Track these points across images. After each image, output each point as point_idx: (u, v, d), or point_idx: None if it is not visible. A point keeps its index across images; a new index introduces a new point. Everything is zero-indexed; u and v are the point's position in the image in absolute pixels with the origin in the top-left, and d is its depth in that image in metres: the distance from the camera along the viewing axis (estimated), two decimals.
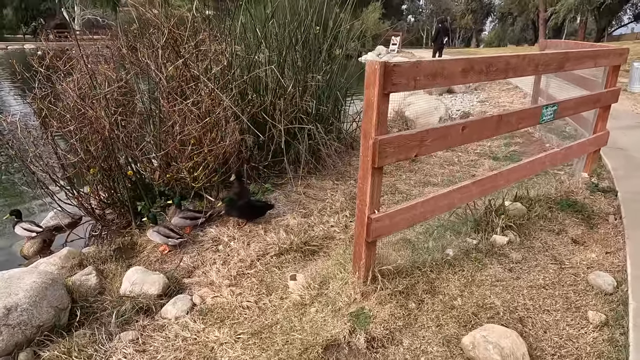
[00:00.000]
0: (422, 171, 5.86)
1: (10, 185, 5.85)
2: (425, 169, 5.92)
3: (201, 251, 3.80)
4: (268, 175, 5.44)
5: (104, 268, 3.66)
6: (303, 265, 3.45)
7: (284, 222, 4.25)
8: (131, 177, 4.45)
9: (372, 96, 2.23)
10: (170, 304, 2.97)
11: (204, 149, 4.18)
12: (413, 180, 5.50)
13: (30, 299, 2.75)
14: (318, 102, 5.93)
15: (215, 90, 3.99)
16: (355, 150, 6.76)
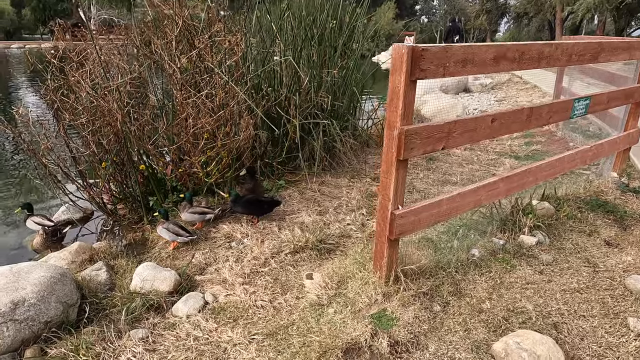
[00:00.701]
0: (440, 169, 5.68)
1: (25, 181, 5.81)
2: (443, 168, 5.74)
3: (213, 248, 3.69)
4: (282, 172, 5.32)
5: (115, 263, 3.57)
6: (319, 264, 3.31)
7: (299, 219, 4.12)
8: (143, 172, 4.36)
9: (397, 83, 2.08)
10: (181, 302, 2.85)
11: (217, 143, 4.07)
12: (431, 179, 5.32)
13: (38, 293, 2.65)
14: (333, 98, 5.79)
15: (230, 83, 3.88)
16: (370, 147, 6.61)
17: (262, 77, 4.97)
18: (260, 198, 4.09)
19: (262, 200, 4.07)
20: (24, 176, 5.59)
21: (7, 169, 6.47)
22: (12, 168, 6.52)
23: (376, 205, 4.57)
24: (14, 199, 5.39)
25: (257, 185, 4.36)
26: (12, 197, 5.46)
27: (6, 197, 5.46)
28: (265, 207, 4.07)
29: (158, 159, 4.17)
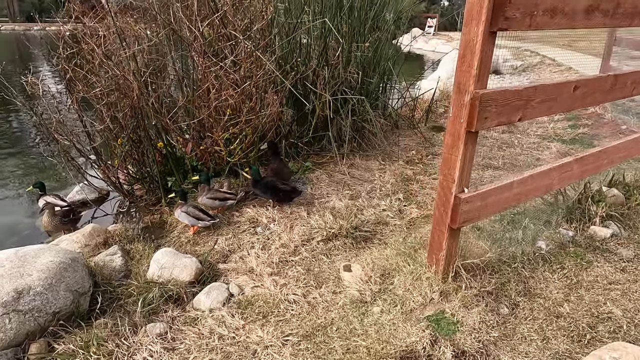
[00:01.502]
0: (478, 153, 5.22)
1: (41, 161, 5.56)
2: (481, 151, 5.28)
3: (237, 233, 3.36)
4: (307, 153, 4.95)
5: (131, 248, 3.28)
6: (355, 254, 2.95)
7: (329, 204, 3.76)
8: (161, 150, 4.04)
9: (473, 35, 1.67)
10: (203, 293, 2.53)
11: (241, 118, 3.71)
12: None
13: (45, 281, 2.36)
14: (363, 74, 5.36)
15: (256, 52, 3.49)
16: (400, 129, 6.17)
17: (290, 48, 4.56)
18: (278, 185, 3.68)
19: (279, 187, 3.66)
20: (40, 155, 5.33)
21: (27, 148, 6.25)
22: (32, 146, 6.30)
23: (413, 190, 4.21)
24: (31, 177, 5.16)
25: (283, 165, 4.00)
26: (29, 175, 5.23)
27: (23, 176, 5.24)
28: (280, 194, 3.68)
29: (177, 135, 3.84)
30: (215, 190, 3.67)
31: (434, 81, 8.37)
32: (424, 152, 5.22)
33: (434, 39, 25.54)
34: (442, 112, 7.34)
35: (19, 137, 6.78)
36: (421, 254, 2.59)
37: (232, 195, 3.67)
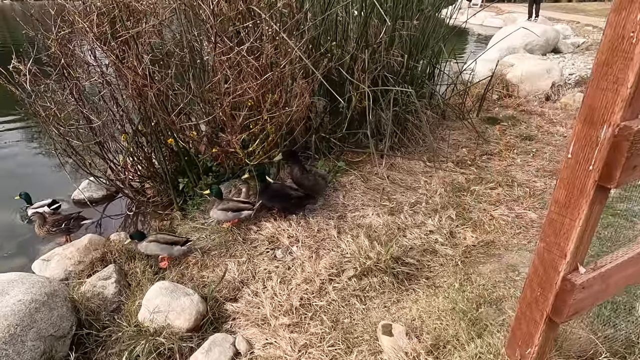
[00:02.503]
0: (543, 154, 4.41)
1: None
2: (546, 151, 4.46)
3: (253, 256, 2.80)
4: (341, 150, 4.29)
5: (130, 268, 2.80)
6: (397, 300, 2.33)
7: (365, 219, 3.13)
8: (172, 146, 3.50)
9: (629, 28, 0.96)
10: (202, 352, 2.00)
11: (263, 115, 3.09)
12: (533, 167, 4.10)
13: (6, 331, 1.89)
14: (409, 57, 4.59)
15: (281, 34, 2.83)
16: (447, 121, 5.38)
17: (323, 27, 3.85)
18: (288, 191, 3.12)
19: (290, 194, 3.11)
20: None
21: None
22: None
23: (466, 205, 3.51)
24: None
25: (306, 176, 3.31)
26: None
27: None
28: (292, 201, 3.12)
29: (186, 133, 3.27)
30: (228, 199, 3.11)
31: (488, 62, 7.42)
32: (477, 151, 4.45)
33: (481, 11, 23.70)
34: (495, 98, 6.46)
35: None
36: (487, 316, 1.94)
37: (248, 205, 3.10)
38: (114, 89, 3.27)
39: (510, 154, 4.39)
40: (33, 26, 3.06)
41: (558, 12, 19.07)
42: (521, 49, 10.03)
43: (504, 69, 7.62)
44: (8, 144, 5.35)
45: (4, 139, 5.52)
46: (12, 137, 5.58)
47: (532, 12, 13.47)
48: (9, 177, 4.45)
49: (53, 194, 4.03)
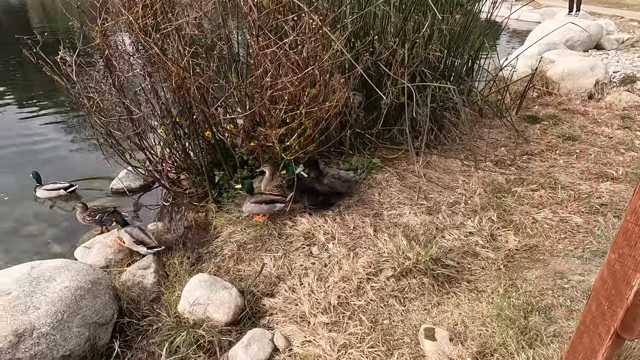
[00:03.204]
0: (587, 155, 4.22)
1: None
2: (591, 153, 4.26)
3: (289, 251, 2.79)
4: (375, 146, 4.22)
5: (168, 258, 2.83)
6: (437, 303, 2.27)
7: (402, 219, 3.07)
8: (209, 139, 3.51)
9: None
10: (241, 346, 2.00)
11: (300, 109, 3.06)
12: (577, 169, 3.92)
13: (54, 317, 1.94)
14: (448, 53, 4.46)
15: (324, 27, 2.78)
16: (485, 119, 5.23)
17: (363, 21, 3.78)
18: (317, 187, 3.13)
19: (318, 190, 3.12)
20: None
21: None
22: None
23: (507, 207, 3.36)
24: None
25: (328, 185, 3.22)
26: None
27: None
28: (319, 198, 3.14)
29: (225, 127, 3.28)
30: (261, 193, 3.10)
31: (526, 58, 7.17)
32: (517, 151, 4.30)
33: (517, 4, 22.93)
34: (535, 96, 6.22)
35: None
36: (537, 325, 1.86)
37: (281, 198, 3.08)
38: (154, 81, 3.30)
39: (552, 155, 4.22)
40: (79, 18, 3.12)
41: (600, 6, 18.23)
42: (562, 45, 9.64)
43: (544, 66, 7.34)
44: (49, 133, 5.52)
45: (45, 128, 5.69)
46: (53, 126, 5.75)
47: (572, 6, 12.93)
48: (48, 164, 4.59)
49: (92, 183, 4.15)
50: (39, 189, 3.84)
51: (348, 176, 3.29)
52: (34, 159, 4.69)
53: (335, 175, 3.23)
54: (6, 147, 4.97)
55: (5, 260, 3.10)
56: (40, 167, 4.46)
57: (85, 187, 4.05)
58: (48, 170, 4.34)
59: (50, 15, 20.42)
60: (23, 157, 4.70)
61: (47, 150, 4.98)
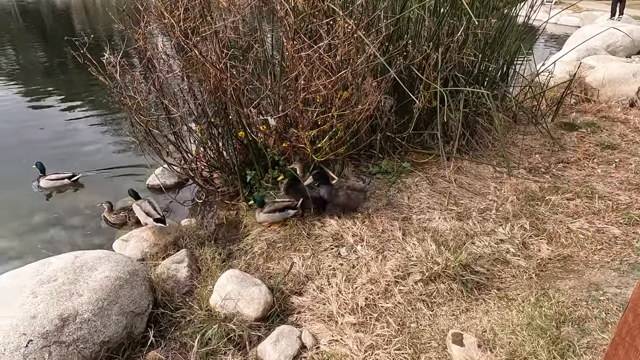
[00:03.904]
0: (627, 165, 4.07)
1: None
2: (631, 162, 4.11)
3: (317, 252, 2.83)
4: (406, 150, 4.22)
5: (200, 254, 2.92)
6: (466, 309, 2.25)
7: (431, 224, 3.06)
8: (242, 139, 3.60)
9: None
10: (270, 342, 2.05)
11: (332, 112, 3.10)
12: (616, 179, 3.79)
13: (95, 304, 2.05)
14: (482, 57, 4.41)
15: (358, 32, 2.82)
16: (519, 125, 5.12)
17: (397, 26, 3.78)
18: (305, 191, 3.13)
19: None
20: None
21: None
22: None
23: (541, 216, 3.28)
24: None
25: (334, 194, 3.20)
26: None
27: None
28: (307, 201, 3.17)
29: (258, 128, 3.36)
30: (272, 201, 3.16)
31: (564, 63, 6.97)
32: (552, 158, 4.20)
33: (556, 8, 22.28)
34: (572, 103, 6.04)
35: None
36: (569, 336, 1.83)
37: (292, 203, 3.11)
38: (192, 82, 3.42)
39: (589, 163, 4.10)
40: (123, 21, 3.27)
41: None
42: (602, 50, 9.32)
43: (583, 72, 7.12)
44: (89, 130, 5.78)
45: (85, 125, 5.96)
46: (93, 124, 6.02)
47: (615, 10, 12.45)
48: (88, 159, 4.81)
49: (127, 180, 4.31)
50: (42, 179, 4.10)
51: (360, 186, 3.22)
52: (75, 153, 4.92)
53: (350, 187, 3.16)
54: (48, 142, 5.24)
55: (49, 249, 3.28)
56: (81, 162, 4.70)
57: (122, 183, 4.22)
58: (88, 164, 4.57)
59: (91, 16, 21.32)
60: (63, 153, 4.94)
61: (86, 146, 5.21)
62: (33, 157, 4.45)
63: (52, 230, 3.53)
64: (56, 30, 16.45)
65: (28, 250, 3.24)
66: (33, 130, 5.76)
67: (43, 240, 3.38)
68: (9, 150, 4.99)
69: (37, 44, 13.56)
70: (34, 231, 3.50)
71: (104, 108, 6.56)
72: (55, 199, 4.00)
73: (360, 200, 3.19)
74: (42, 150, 4.98)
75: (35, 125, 5.96)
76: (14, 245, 3.34)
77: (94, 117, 6.27)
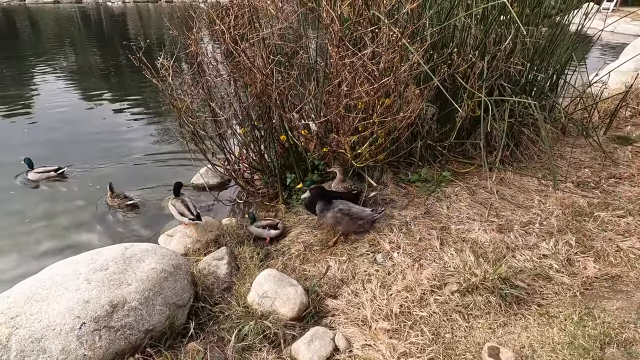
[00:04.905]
0: None
1: None
2: None
3: (353, 256, 2.85)
4: (447, 159, 4.16)
5: (239, 252, 3.02)
6: (504, 323, 2.21)
7: (470, 235, 3.01)
8: (284, 143, 3.69)
9: None
10: (304, 342, 2.10)
11: (373, 118, 3.12)
12: None
13: (142, 294, 2.17)
14: (530, 67, 4.28)
15: (403, 40, 2.83)
16: (568, 137, 4.92)
17: (443, 34, 3.76)
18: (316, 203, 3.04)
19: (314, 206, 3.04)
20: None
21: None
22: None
23: (588, 232, 3.13)
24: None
25: (328, 208, 3.05)
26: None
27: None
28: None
29: (299, 132, 3.43)
30: (263, 219, 3.36)
31: (620, 74, 6.63)
32: (603, 173, 4.01)
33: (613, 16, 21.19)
34: (628, 115, 5.74)
35: None
36: (614, 357, 1.75)
37: (274, 223, 3.26)
38: (238, 87, 3.55)
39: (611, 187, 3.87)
40: (177, 27, 3.45)
41: None
42: None
43: None
44: (139, 129, 6.09)
45: (135, 125, 6.29)
46: (142, 124, 6.34)
47: None
48: (138, 157, 5.07)
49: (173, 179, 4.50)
50: (30, 173, 4.43)
51: (363, 214, 2.98)
52: (126, 152, 5.21)
53: (346, 211, 2.94)
54: (102, 142, 5.57)
55: (100, 240, 3.50)
56: (130, 159, 4.97)
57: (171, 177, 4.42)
58: (137, 162, 4.83)
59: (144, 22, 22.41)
60: (115, 151, 5.23)
61: (135, 144, 5.50)
62: (84, 153, 4.80)
63: (104, 223, 3.76)
64: (112, 34, 17.44)
65: (83, 242, 3.48)
66: (86, 126, 6.17)
67: (96, 232, 3.61)
68: (64, 147, 5.35)
69: (94, 47, 14.44)
70: (87, 223, 3.74)
71: (154, 109, 6.91)
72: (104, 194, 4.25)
73: (352, 226, 2.98)
74: (93, 145, 5.35)
75: (88, 122, 6.38)
76: (70, 235, 3.59)
77: (144, 118, 6.61)
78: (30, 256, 3.32)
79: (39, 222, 3.74)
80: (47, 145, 5.36)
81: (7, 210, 3.95)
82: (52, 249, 3.40)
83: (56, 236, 3.57)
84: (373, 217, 3.02)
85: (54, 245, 3.45)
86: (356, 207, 3.01)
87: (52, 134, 5.78)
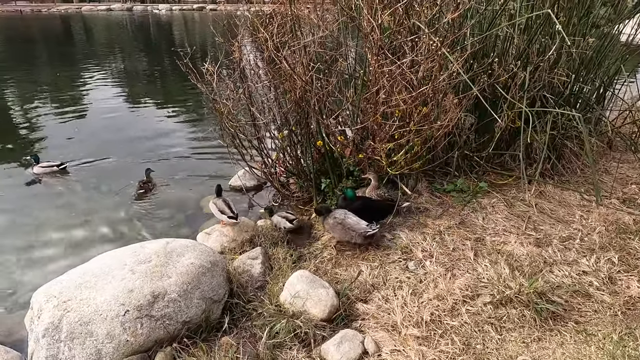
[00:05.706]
0: None
1: None
2: None
3: (385, 263, 2.87)
4: (484, 170, 4.10)
5: (273, 253, 3.09)
6: (538, 338, 2.16)
7: (506, 247, 2.95)
8: (320, 148, 3.76)
9: None
10: (333, 343, 2.13)
11: (410, 126, 3.14)
12: None
13: (181, 287, 2.28)
14: (575, 78, 4.16)
15: (443, 49, 2.84)
16: (614, 152, 4.73)
17: (484, 43, 3.73)
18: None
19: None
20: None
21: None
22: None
23: (634, 250, 3.02)
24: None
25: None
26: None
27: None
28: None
29: (336, 138, 3.49)
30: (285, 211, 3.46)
31: None
32: None
33: None
34: None
35: None
36: None
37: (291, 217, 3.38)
38: (278, 93, 3.66)
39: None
40: (221, 33, 3.61)
41: None
42: None
43: None
44: (180, 132, 6.36)
45: (177, 128, 6.56)
46: (184, 127, 6.62)
47: None
48: (179, 158, 5.29)
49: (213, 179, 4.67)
50: (35, 167, 4.77)
51: (357, 226, 2.90)
52: (167, 154, 5.45)
53: (339, 219, 2.96)
54: (144, 143, 5.86)
55: (143, 235, 3.68)
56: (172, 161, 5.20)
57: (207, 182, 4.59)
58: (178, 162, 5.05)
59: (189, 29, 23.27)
60: (157, 153, 5.48)
61: (177, 147, 5.74)
62: (128, 153, 5.06)
63: (147, 220, 3.95)
64: (159, 40, 18.23)
65: (127, 235, 3.67)
66: (132, 128, 6.51)
67: (139, 227, 3.81)
68: (113, 146, 5.67)
69: (142, 52, 15.15)
70: (131, 220, 3.95)
71: (196, 113, 7.18)
72: (152, 193, 4.46)
73: (344, 236, 2.96)
74: (138, 145, 5.64)
75: (133, 124, 6.72)
76: (117, 229, 3.80)
77: (187, 121, 6.89)
78: (78, 247, 3.55)
79: (84, 217, 3.98)
80: (94, 143, 5.72)
81: (55, 204, 4.24)
82: (96, 240, 3.61)
83: (99, 230, 3.78)
84: (366, 231, 2.86)
85: (99, 237, 3.66)
86: (353, 218, 2.95)
87: (99, 134, 6.16)
